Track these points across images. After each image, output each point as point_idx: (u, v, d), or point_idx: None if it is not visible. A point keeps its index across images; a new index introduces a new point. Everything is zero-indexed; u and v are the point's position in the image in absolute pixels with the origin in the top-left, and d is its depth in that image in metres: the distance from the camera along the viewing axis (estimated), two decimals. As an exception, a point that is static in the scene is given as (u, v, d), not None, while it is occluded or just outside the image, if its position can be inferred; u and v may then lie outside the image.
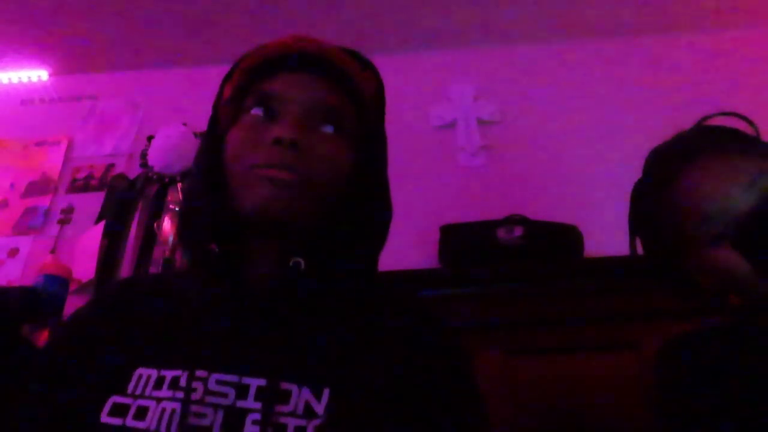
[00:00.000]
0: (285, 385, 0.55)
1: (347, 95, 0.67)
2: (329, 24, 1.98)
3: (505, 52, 2.08)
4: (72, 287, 1.70)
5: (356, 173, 0.67)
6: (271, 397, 0.54)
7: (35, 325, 1.61)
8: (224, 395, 0.54)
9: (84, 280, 1.72)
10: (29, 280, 1.72)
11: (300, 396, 0.55)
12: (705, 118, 0.77)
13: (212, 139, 0.69)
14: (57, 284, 1.67)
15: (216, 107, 0.72)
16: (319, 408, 0.54)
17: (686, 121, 0.80)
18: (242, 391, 0.55)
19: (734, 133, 0.76)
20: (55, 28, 2.01)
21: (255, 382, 0.55)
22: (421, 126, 1.98)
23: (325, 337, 0.61)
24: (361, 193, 0.68)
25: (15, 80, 2.24)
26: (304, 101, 0.65)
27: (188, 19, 1.96)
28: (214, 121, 0.71)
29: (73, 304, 1.67)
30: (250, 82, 0.68)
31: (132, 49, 2.10)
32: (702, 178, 0.72)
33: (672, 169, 0.75)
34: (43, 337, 1.61)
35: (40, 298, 1.60)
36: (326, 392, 0.55)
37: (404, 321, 0.65)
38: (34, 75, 2.23)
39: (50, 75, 2.24)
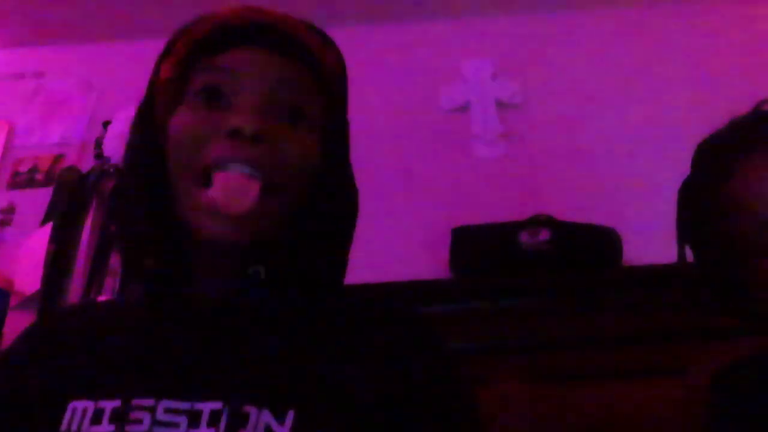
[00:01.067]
0: (244, 408, 0.56)
1: (312, 75, 0.66)
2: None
3: (528, 22, 2.08)
4: (13, 302, 1.71)
5: (323, 168, 0.67)
6: (230, 422, 0.55)
7: (-30, 345, 1.61)
8: (176, 425, 0.55)
9: (27, 293, 1.72)
10: (-38, 292, 1.72)
11: (260, 419, 0.55)
12: (763, 102, 0.77)
13: (148, 127, 0.67)
14: (-5, 298, 1.67)
15: (151, 88, 0.69)
16: (283, 431, 0.55)
17: (744, 102, 0.80)
18: (195, 418, 0.56)
19: None
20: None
21: (208, 407, 0.56)
22: (429, 109, 1.98)
23: (287, 352, 0.61)
24: (326, 191, 0.67)
25: (-54, 55, 2.24)
26: (266, 82, 0.62)
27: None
28: (148, 104, 0.68)
29: (14, 322, 1.67)
30: (196, 57, 0.64)
31: (86, 19, 2.10)
32: (763, 174, 0.72)
33: (726, 164, 0.75)
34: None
35: (-24, 314, 1.60)
36: (291, 414, 0.56)
37: (379, 329, 0.66)
38: (-29, 49, 2.24)
39: (-10, 49, 2.25)
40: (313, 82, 0.66)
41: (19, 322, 1.66)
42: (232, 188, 0.58)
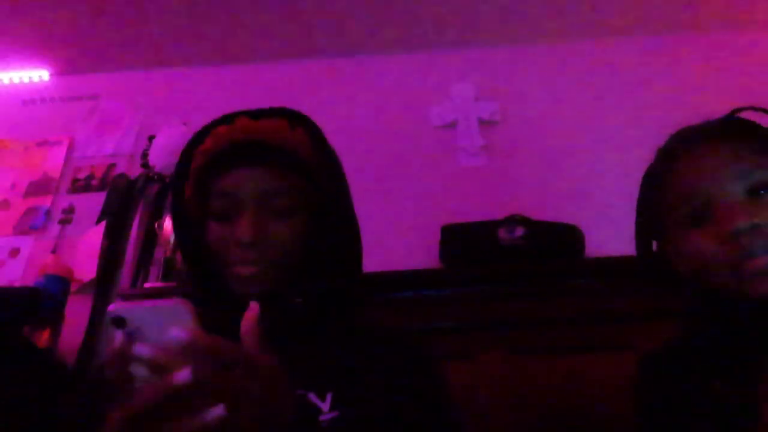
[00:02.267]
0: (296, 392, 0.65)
1: (291, 169, 0.76)
2: (328, 24, 1.99)
3: (506, 52, 2.08)
4: (73, 287, 1.71)
5: (321, 221, 0.77)
6: None
7: (36, 325, 1.62)
8: None
9: (85, 280, 1.72)
10: (30, 280, 1.72)
11: (306, 398, 0.67)
12: (735, 111, 0.76)
13: (187, 227, 0.79)
14: (58, 284, 1.67)
15: (178, 200, 0.80)
16: (325, 406, 0.67)
17: (691, 119, 0.80)
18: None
19: (751, 126, 0.74)
20: (57, 28, 2.01)
21: None
22: (421, 126, 1.98)
23: (324, 357, 0.74)
24: (328, 234, 0.77)
25: (16, 80, 2.24)
26: (254, 196, 0.74)
27: (190, 19, 1.96)
28: (180, 210, 0.80)
29: (74, 304, 1.67)
30: (207, 180, 0.77)
31: (133, 49, 2.10)
32: (695, 162, 0.71)
33: (672, 154, 0.75)
34: (44, 337, 1.61)
35: (41, 299, 1.60)
36: (329, 396, 0.68)
37: (384, 348, 0.77)
38: (36, 75, 2.24)
39: (51, 75, 2.25)
40: (291, 171, 0.76)
41: (78, 305, 1.67)
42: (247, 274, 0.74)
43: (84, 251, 1.78)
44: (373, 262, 1.57)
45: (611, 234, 1.47)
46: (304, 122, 0.79)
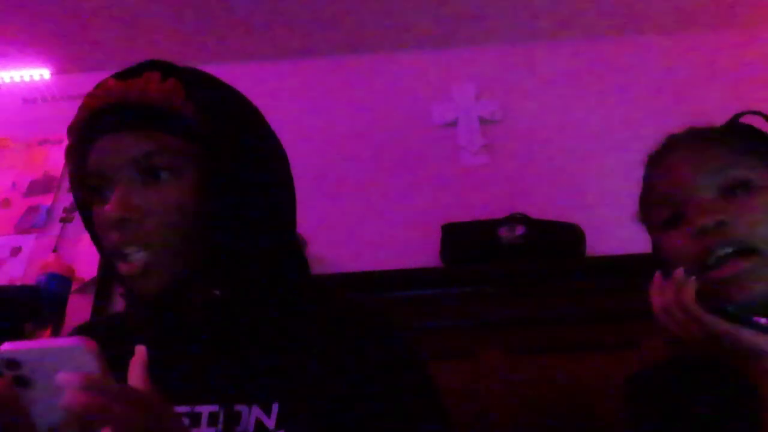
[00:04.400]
0: (236, 407, 0.58)
1: (160, 128, 0.61)
2: (329, 25, 1.98)
3: (506, 51, 2.07)
4: (74, 286, 1.71)
5: (213, 185, 0.61)
6: (227, 420, 0.57)
7: (37, 323, 1.62)
8: None
9: (86, 279, 1.72)
10: (31, 278, 1.72)
11: (250, 414, 0.58)
12: (737, 116, 0.77)
13: (87, 220, 0.68)
14: (59, 283, 1.67)
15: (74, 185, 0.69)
16: (270, 422, 0.57)
17: (689, 118, 0.80)
18: (195, 420, 0.58)
19: (732, 128, 0.75)
20: (57, 27, 2.01)
21: (206, 409, 0.58)
22: (422, 125, 1.98)
23: (265, 357, 0.62)
24: (223, 198, 0.61)
25: (17, 79, 2.24)
26: (119, 166, 0.60)
27: (189, 18, 1.96)
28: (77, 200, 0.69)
29: (75, 303, 1.67)
30: (79, 160, 0.65)
31: (133, 48, 2.10)
32: (673, 166, 0.72)
33: (654, 160, 0.77)
34: (45, 336, 1.61)
35: (43, 297, 1.61)
36: (275, 407, 0.58)
37: (338, 322, 0.65)
38: (36, 74, 2.24)
39: (52, 74, 2.25)
40: (170, 135, 0.61)
41: (79, 303, 1.67)
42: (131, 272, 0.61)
43: (85, 250, 1.78)
44: (373, 260, 1.59)
45: (612, 233, 1.48)
46: (178, 72, 0.66)
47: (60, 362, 0.43)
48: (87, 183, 0.63)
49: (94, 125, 0.63)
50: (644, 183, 0.79)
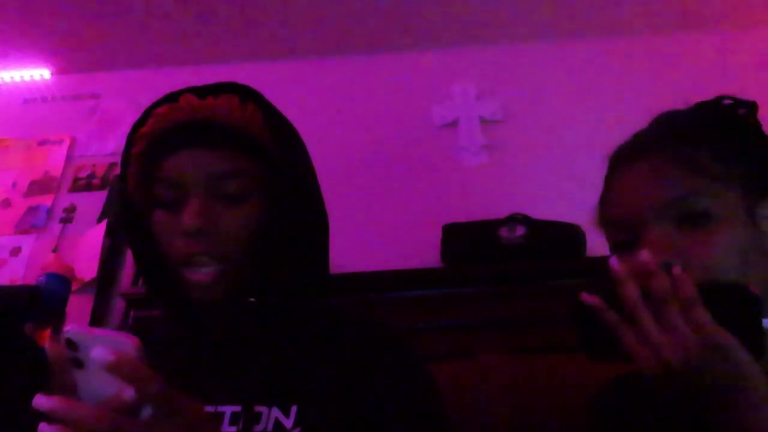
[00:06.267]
0: (257, 408, 0.62)
1: (241, 150, 0.68)
2: (330, 24, 1.98)
3: (507, 50, 2.07)
4: (74, 286, 1.71)
5: (279, 207, 0.68)
6: (247, 420, 0.60)
7: (37, 324, 1.62)
8: None
9: (86, 279, 1.72)
10: (32, 279, 1.72)
11: (270, 415, 0.61)
12: (699, 105, 0.74)
13: (134, 221, 0.71)
14: (59, 283, 1.67)
15: (123, 188, 0.73)
16: (288, 423, 0.61)
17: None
18: (218, 419, 0.61)
19: (684, 133, 0.71)
20: (57, 27, 2.01)
21: (229, 409, 0.62)
22: (423, 125, 1.98)
23: (286, 360, 0.67)
24: (286, 220, 0.68)
25: (17, 79, 2.24)
26: (201, 180, 0.66)
27: (191, 17, 1.96)
28: (126, 201, 0.72)
29: (75, 303, 1.67)
30: (149, 166, 0.69)
31: (134, 48, 2.10)
32: (632, 185, 0.69)
33: (617, 166, 0.75)
34: (45, 336, 1.61)
35: (43, 297, 1.60)
36: (294, 408, 0.62)
37: (357, 337, 0.71)
38: (36, 74, 2.24)
39: (52, 74, 2.25)
40: (241, 151, 0.67)
41: (79, 304, 1.67)
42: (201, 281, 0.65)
43: (85, 250, 1.78)
44: (374, 260, 1.58)
45: (612, 233, 1.47)
46: (255, 97, 0.72)
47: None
48: (156, 190, 0.67)
49: (175, 137, 0.68)
50: (603, 188, 0.76)
